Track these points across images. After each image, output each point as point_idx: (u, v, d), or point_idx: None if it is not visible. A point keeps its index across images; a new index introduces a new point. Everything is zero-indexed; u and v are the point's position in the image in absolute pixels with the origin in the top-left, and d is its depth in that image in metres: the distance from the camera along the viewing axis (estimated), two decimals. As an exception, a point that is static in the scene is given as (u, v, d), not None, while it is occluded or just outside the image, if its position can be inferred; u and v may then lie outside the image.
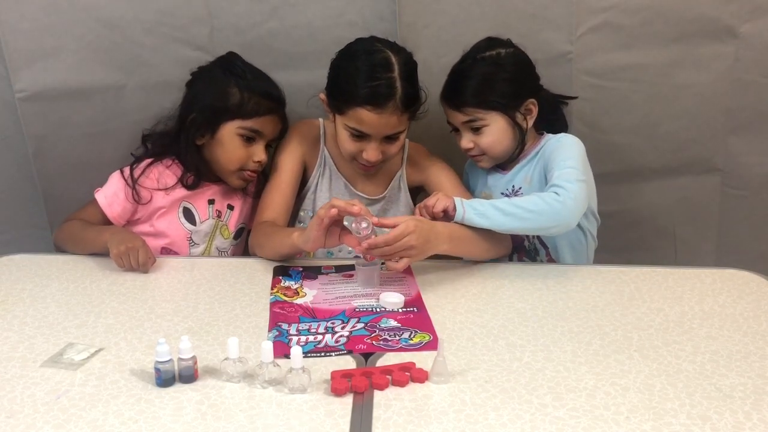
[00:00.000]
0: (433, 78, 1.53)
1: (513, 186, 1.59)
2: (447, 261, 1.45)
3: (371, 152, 1.47)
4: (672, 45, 1.73)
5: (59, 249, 1.55)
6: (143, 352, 1.08)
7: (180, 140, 1.57)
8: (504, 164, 1.61)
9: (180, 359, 0.99)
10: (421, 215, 1.39)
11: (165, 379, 0.98)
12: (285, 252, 1.45)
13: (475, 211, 1.37)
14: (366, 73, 1.41)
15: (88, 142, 1.73)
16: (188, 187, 1.59)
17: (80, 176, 1.73)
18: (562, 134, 1.56)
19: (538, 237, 1.60)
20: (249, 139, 1.55)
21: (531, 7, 1.69)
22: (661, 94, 1.78)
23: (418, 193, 1.67)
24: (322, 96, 1.52)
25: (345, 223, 1.31)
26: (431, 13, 1.70)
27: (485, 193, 1.64)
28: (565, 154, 1.46)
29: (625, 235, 1.92)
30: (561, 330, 1.16)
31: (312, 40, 1.66)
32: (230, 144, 1.55)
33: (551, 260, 1.60)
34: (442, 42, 1.71)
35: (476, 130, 1.53)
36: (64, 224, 1.57)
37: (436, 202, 1.39)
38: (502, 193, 1.60)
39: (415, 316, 1.22)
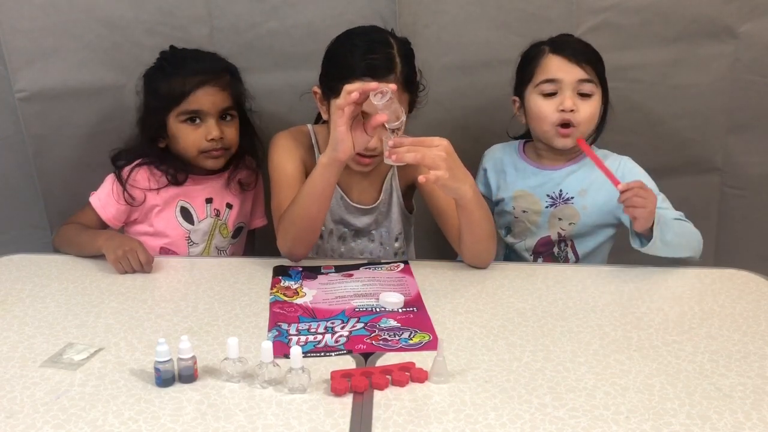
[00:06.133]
0: (433, 78, 1.52)
1: (561, 190, 1.54)
2: (447, 261, 1.45)
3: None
4: (672, 45, 1.74)
5: (59, 252, 1.55)
6: (143, 352, 1.08)
7: (146, 149, 1.56)
8: (554, 159, 1.57)
9: (180, 359, 0.99)
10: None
11: (165, 379, 0.98)
12: (326, 197, 1.33)
13: (661, 235, 1.36)
14: (364, 47, 1.37)
15: (88, 142, 1.74)
16: (178, 184, 1.57)
17: (80, 176, 1.73)
18: (629, 160, 1.55)
19: (572, 245, 1.57)
20: (192, 120, 1.53)
21: (531, 7, 1.70)
22: (661, 94, 1.79)
23: (412, 194, 1.62)
24: (316, 89, 1.46)
25: (373, 100, 1.20)
26: (431, 13, 1.70)
27: (523, 192, 1.58)
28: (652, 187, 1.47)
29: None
30: (561, 330, 1.16)
31: (312, 40, 1.66)
32: (180, 133, 1.53)
33: None
34: (442, 42, 1.71)
35: (583, 96, 1.47)
36: (61, 228, 1.57)
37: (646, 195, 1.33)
38: (548, 196, 1.55)
39: (415, 316, 1.21)
